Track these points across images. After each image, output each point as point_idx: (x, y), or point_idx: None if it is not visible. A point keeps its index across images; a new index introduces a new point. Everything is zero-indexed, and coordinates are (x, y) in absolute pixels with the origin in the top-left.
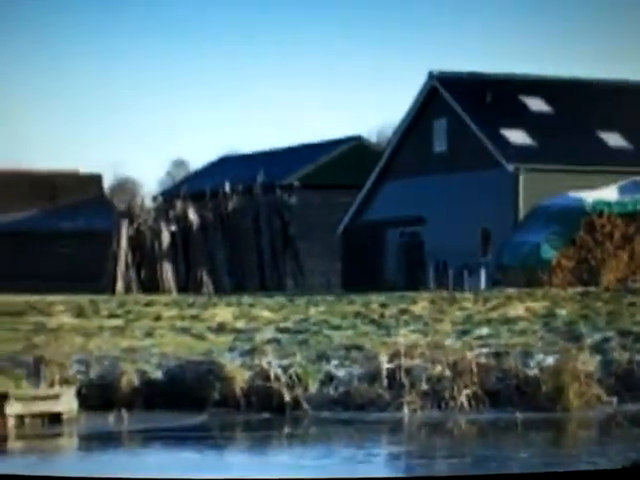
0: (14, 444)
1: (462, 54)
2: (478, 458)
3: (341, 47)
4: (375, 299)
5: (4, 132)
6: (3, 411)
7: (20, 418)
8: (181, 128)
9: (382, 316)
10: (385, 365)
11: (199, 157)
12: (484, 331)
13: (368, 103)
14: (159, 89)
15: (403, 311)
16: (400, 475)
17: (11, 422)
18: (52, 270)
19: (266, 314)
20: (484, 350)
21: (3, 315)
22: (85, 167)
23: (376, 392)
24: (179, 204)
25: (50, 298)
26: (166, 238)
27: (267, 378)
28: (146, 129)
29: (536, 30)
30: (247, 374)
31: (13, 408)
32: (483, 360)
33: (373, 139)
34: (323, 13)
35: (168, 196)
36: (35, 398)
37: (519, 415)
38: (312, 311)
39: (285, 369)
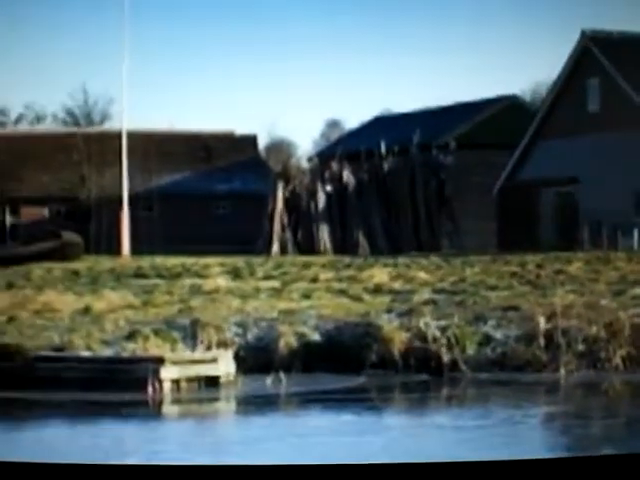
0: (170, 408)
1: (612, 14)
2: (631, 418)
3: (493, 8)
4: (531, 259)
5: (159, 92)
6: (159, 375)
7: (176, 382)
8: (335, 88)
9: (538, 277)
10: (542, 326)
11: (353, 117)
12: (637, 291)
13: (521, 63)
14: (312, 50)
15: (559, 271)
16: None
17: (167, 386)
18: (207, 232)
19: (422, 275)
20: (638, 310)
21: (159, 278)
22: (240, 128)
23: (533, 353)
24: (334, 165)
25: (206, 260)
26: (322, 199)
27: (425, 339)
28: (300, 89)
29: None
30: (405, 335)
31: (169, 372)
32: (637, 320)
33: (527, 98)
34: None
35: (323, 157)
36: (191, 362)
37: None
38: (468, 272)
39: (443, 330)
